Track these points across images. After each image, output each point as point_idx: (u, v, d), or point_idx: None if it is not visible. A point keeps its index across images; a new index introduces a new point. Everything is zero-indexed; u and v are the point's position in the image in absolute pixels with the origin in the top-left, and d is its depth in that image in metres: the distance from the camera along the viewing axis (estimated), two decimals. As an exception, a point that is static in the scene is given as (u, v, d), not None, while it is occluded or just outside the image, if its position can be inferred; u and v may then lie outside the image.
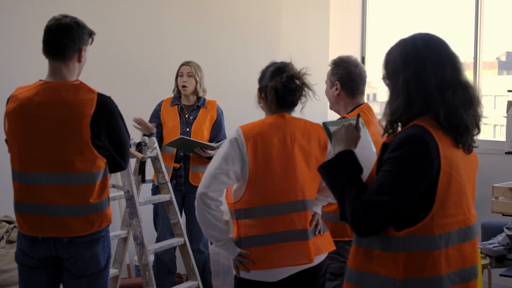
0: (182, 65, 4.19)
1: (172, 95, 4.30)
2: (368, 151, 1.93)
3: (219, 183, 2.28)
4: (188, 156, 4.13)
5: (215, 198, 2.29)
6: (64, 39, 2.40)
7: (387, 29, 5.95)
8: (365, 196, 1.72)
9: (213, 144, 4.01)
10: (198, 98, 4.24)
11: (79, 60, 2.46)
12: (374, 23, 6.00)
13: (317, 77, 2.66)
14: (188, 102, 4.23)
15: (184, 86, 4.13)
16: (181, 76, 4.16)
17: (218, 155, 2.34)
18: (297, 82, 2.40)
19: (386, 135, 1.83)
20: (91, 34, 2.50)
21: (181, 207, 4.18)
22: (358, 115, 1.97)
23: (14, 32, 4.26)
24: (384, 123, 1.82)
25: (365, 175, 1.82)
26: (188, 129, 4.15)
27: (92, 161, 2.38)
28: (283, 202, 2.33)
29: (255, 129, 2.37)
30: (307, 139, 2.41)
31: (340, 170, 1.81)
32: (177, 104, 4.20)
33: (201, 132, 4.14)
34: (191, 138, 4.01)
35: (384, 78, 1.86)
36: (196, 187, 3.93)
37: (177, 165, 4.11)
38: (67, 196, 2.38)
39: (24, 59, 4.25)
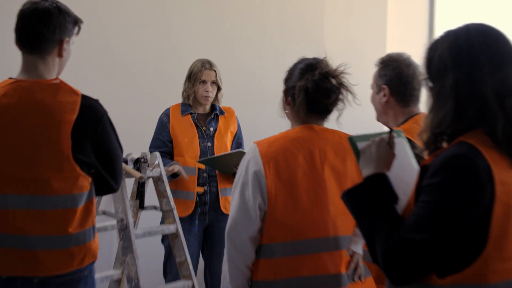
0: (204, 68, 4.20)
1: (177, 100, 4.32)
2: (407, 173, 1.90)
3: (248, 229, 2.35)
4: (213, 178, 4.16)
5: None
6: (41, 27, 2.41)
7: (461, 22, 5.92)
8: (399, 233, 1.71)
9: None
10: (213, 105, 4.30)
11: (60, 55, 2.47)
12: (445, 16, 5.98)
13: (364, 81, 2.66)
14: (203, 110, 4.29)
15: (207, 96, 4.18)
16: (203, 83, 4.18)
17: (235, 188, 2.39)
18: (333, 81, 2.41)
19: (427, 153, 1.83)
20: (76, 22, 2.51)
21: (198, 242, 4.19)
22: (390, 130, 1.95)
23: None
24: (425, 137, 1.80)
25: (401, 204, 1.81)
26: (209, 144, 4.19)
27: (73, 180, 2.39)
28: (310, 238, 2.35)
29: (275, 146, 2.39)
30: (341, 157, 2.42)
31: (368, 198, 1.81)
32: (191, 114, 4.23)
33: (224, 146, 4.21)
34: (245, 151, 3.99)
35: (426, 79, 1.85)
36: (226, 215, 3.97)
37: (201, 189, 4.15)
38: (41, 224, 2.38)
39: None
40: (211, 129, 4.22)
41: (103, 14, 4.83)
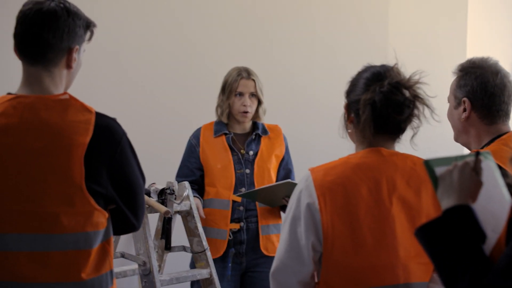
0: (240, 78, 4.07)
1: (210, 118, 4.18)
2: (497, 206, 1.84)
3: (298, 273, 2.32)
4: (252, 212, 4.03)
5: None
6: (46, 33, 2.34)
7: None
8: (488, 279, 1.66)
9: None
10: (254, 123, 4.14)
11: (69, 66, 2.40)
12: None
13: (444, 93, 2.61)
14: (241, 129, 4.13)
15: (245, 112, 4.04)
16: (240, 95, 4.05)
17: (285, 223, 2.37)
18: (406, 93, 2.34)
19: None
20: (89, 26, 2.45)
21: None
22: (477, 153, 1.88)
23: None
24: None
25: (489, 243, 1.77)
26: (248, 171, 4.05)
27: (86, 216, 2.31)
28: (375, 286, 2.29)
29: (333, 174, 2.33)
30: (415, 188, 2.35)
31: (448, 236, 1.77)
32: (225, 134, 4.09)
33: (267, 173, 4.07)
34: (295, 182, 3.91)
35: None
36: (270, 258, 3.83)
37: (237, 226, 4.01)
38: (47, 269, 2.30)
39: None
40: (251, 152, 4.06)
41: (115, 18, 4.97)
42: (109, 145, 2.35)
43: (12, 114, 2.32)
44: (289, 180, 3.89)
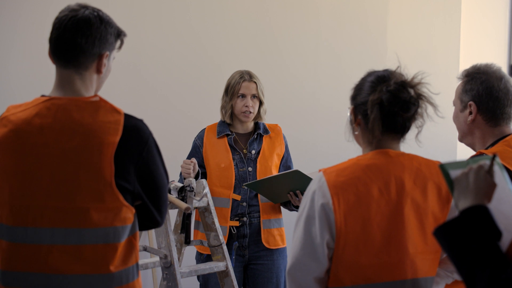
0: (243, 80, 4.14)
1: (215, 119, 4.25)
2: (507, 206, 1.90)
3: (314, 270, 2.31)
4: (255, 207, 4.10)
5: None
6: (80, 38, 2.41)
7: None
8: (507, 274, 1.69)
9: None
10: (256, 123, 4.23)
11: (99, 71, 2.48)
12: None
13: (442, 97, 2.60)
14: (243, 129, 4.22)
15: (246, 112, 4.11)
16: (243, 97, 4.11)
17: (299, 222, 2.37)
18: (411, 91, 2.36)
19: None
20: (119, 34, 2.52)
21: (240, 281, 4.15)
22: (494, 156, 1.92)
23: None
24: None
25: (505, 242, 1.80)
26: (250, 168, 4.13)
27: (115, 211, 2.38)
28: (385, 281, 2.30)
29: (345, 175, 2.34)
30: (421, 187, 2.36)
31: (467, 235, 1.79)
32: (227, 135, 4.16)
33: (269, 171, 4.14)
34: (307, 175, 3.90)
35: None
36: (271, 250, 4.03)
37: (236, 224, 4.08)
38: (78, 262, 2.37)
39: (16, 64, 4.35)
40: (253, 151, 4.14)
41: (128, 22, 4.84)
42: (137, 145, 2.40)
43: (46, 115, 2.38)
44: (296, 169, 3.87)
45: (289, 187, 3.93)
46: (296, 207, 4.01)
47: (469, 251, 1.76)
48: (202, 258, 4.11)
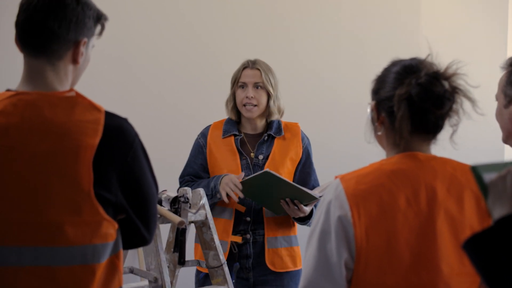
0: (243, 68, 3.97)
1: (222, 116, 4.08)
2: None
3: None
4: (260, 225, 3.90)
5: None
6: (52, 22, 2.30)
7: None
8: None
9: (315, 194, 3.73)
10: (269, 122, 4.00)
11: (75, 60, 2.37)
12: None
13: (483, 91, 2.53)
14: (252, 129, 3.98)
15: (247, 105, 3.89)
16: (243, 87, 3.91)
17: (312, 237, 2.31)
18: (445, 84, 2.27)
19: None
20: (99, 18, 2.41)
21: None
22: None
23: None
24: None
25: None
26: None
27: (94, 226, 2.28)
28: None
29: (366, 182, 2.27)
30: (456, 197, 2.28)
31: (502, 247, 1.74)
32: (234, 135, 3.97)
33: None
34: (285, 178, 3.73)
35: None
36: (280, 274, 3.85)
37: (238, 239, 3.89)
38: (51, 286, 2.27)
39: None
40: (261, 156, 3.92)
41: (121, 16, 5.00)
42: (121, 148, 2.32)
43: (12, 113, 2.28)
44: (266, 170, 3.64)
45: (277, 194, 3.71)
46: (299, 220, 3.84)
47: (504, 266, 1.73)
48: (199, 278, 3.98)
